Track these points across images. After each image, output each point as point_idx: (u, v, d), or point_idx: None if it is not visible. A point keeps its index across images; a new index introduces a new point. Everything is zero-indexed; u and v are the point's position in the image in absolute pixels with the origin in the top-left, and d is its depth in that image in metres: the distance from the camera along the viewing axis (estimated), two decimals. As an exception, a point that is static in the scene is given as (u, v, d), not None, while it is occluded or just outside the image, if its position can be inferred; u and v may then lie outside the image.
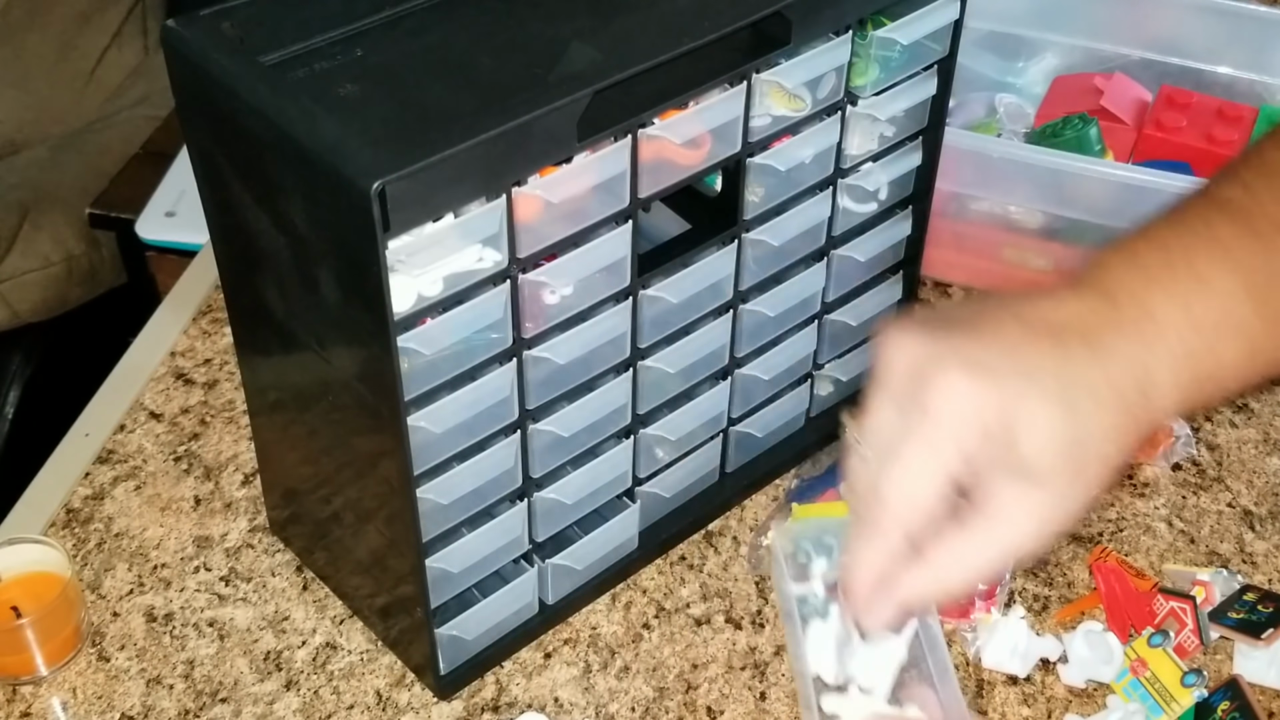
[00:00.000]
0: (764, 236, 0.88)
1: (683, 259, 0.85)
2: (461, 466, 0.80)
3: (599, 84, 0.71)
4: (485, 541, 0.85)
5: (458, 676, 0.89)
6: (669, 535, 0.98)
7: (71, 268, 1.84)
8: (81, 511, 1.01)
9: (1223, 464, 1.05)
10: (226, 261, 0.85)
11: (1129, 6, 1.24)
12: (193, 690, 0.90)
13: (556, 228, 0.75)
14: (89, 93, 2.02)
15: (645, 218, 0.84)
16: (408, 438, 0.75)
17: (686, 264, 0.85)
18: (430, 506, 0.80)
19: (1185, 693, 0.86)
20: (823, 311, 0.97)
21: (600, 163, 0.75)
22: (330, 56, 0.74)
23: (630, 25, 0.77)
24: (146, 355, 1.14)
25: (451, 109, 0.71)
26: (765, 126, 0.84)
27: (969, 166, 1.04)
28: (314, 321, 0.78)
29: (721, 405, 0.95)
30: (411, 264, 0.70)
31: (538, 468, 0.85)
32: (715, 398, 0.94)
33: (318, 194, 0.70)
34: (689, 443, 0.95)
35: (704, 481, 0.99)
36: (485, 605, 0.87)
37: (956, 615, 0.90)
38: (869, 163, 0.92)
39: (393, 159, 0.65)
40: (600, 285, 0.81)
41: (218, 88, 0.73)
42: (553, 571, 0.91)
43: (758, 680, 0.91)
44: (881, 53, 0.87)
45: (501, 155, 0.69)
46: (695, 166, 0.81)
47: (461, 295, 0.73)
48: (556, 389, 0.82)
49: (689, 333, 0.88)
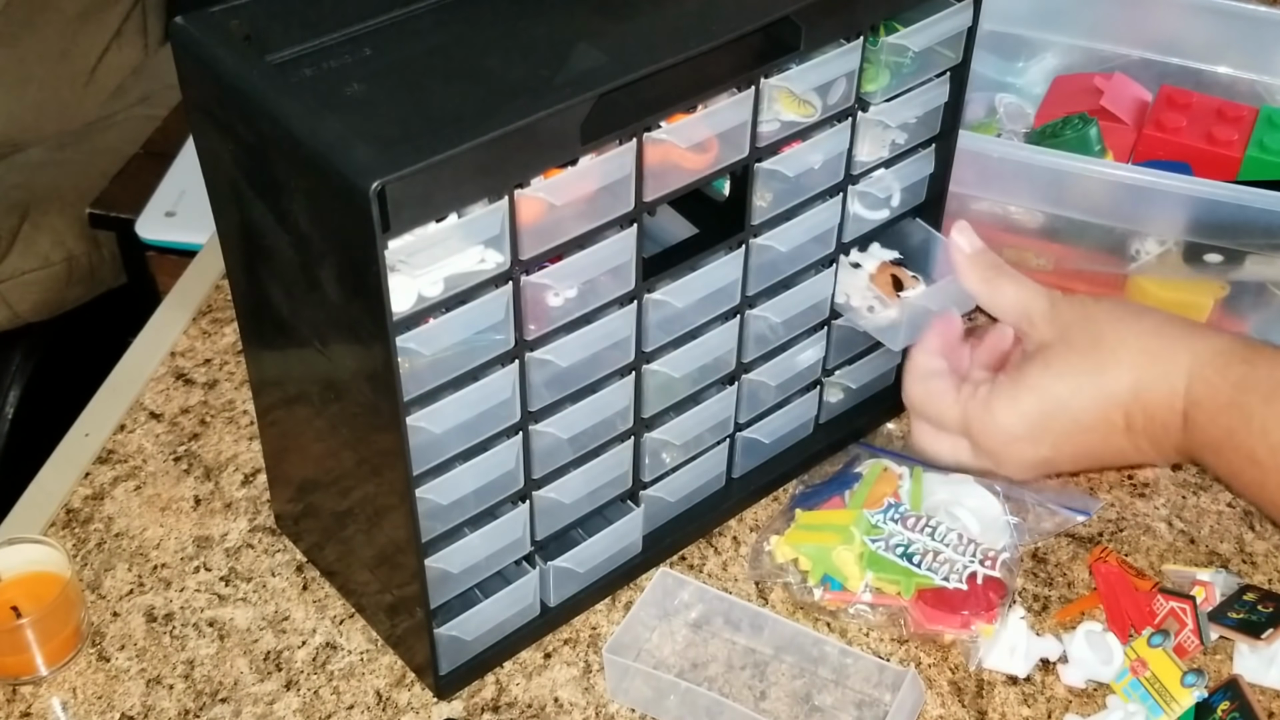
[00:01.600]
0: (772, 242, 0.87)
1: (689, 263, 0.85)
2: (462, 467, 0.80)
3: (603, 87, 0.71)
4: (486, 542, 0.85)
5: (457, 677, 0.89)
6: (674, 539, 0.98)
7: (71, 268, 1.84)
8: (81, 511, 1.01)
9: (1223, 464, 1.05)
10: (232, 258, 0.85)
11: (1129, 6, 1.24)
12: (193, 690, 0.90)
13: (560, 230, 0.75)
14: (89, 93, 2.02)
15: (652, 221, 0.84)
16: (407, 437, 0.75)
17: (693, 269, 0.85)
18: (430, 506, 0.80)
19: (1185, 693, 0.86)
20: (832, 318, 0.97)
21: (604, 166, 0.75)
22: (339, 55, 0.74)
23: (638, 29, 0.76)
24: (146, 355, 1.14)
25: (456, 110, 0.71)
26: (774, 132, 0.83)
27: (969, 166, 1.03)
28: (316, 319, 0.79)
29: (728, 410, 0.95)
30: (412, 264, 0.70)
31: (539, 469, 0.85)
32: (722, 403, 0.93)
33: (319, 193, 0.70)
34: (694, 447, 0.95)
35: (710, 486, 0.99)
36: (486, 606, 0.87)
37: (958, 626, 0.90)
38: (880, 169, 0.92)
39: (393, 159, 0.65)
40: (605, 288, 0.80)
41: (223, 85, 0.73)
42: (554, 574, 0.90)
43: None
44: (893, 59, 0.86)
45: (504, 157, 0.69)
46: (702, 171, 0.80)
47: (463, 296, 0.73)
48: (559, 391, 0.82)
49: (695, 337, 0.88)
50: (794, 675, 0.90)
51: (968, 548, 0.92)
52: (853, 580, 0.92)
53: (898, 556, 0.92)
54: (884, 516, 0.93)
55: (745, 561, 0.97)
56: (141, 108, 1.99)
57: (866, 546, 0.92)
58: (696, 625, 0.92)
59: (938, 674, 0.91)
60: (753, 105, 0.79)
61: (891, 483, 0.97)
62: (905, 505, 0.95)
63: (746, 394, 0.95)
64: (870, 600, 0.92)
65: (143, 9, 2.07)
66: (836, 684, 0.90)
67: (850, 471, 0.99)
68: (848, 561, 0.92)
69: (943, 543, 0.92)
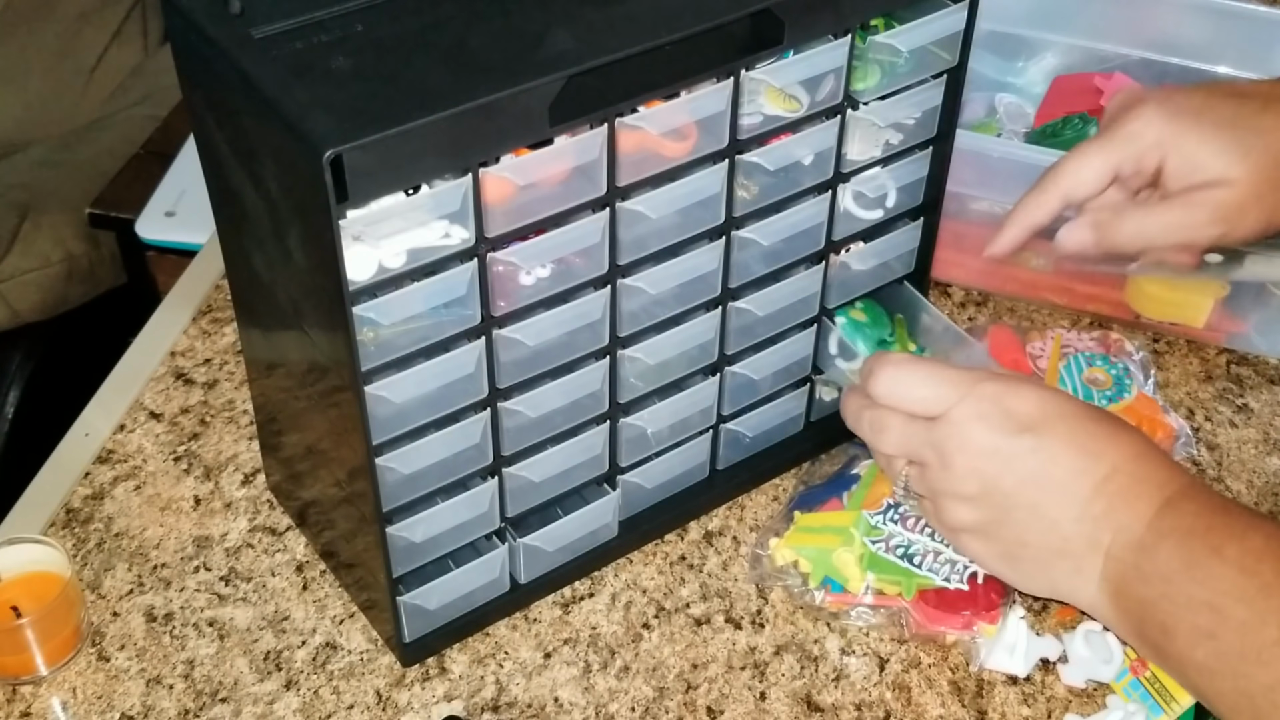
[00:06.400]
0: (755, 235, 0.87)
1: (668, 250, 0.85)
2: (427, 439, 0.81)
3: (572, 69, 0.72)
4: (452, 514, 0.85)
5: (422, 646, 0.90)
6: (652, 526, 0.98)
7: (71, 267, 1.84)
8: (81, 511, 1.01)
9: (1223, 464, 1.05)
10: (222, 226, 0.87)
11: (1129, 6, 1.24)
12: (193, 690, 0.90)
13: (529, 210, 0.76)
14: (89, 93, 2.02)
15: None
16: (365, 405, 0.76)
17: (672, 255, 0.85)
18: (393, 476, 0.81)
19: (1185, 693, 0.86)
20: (821, 315, 0.97)
21: (574, 149, 0.75)
22: (330, 30, 0.75)
23: (620, 14, 0.77)
24: (146, 355, 1.14)
25: (432, 86, 0.72)
26: (757, 125, 0.83)
27: (969, 166, 1.03)
28: (290, 286, 0.80)
29: (709, 401, 0.95)
30: (372, 234, 0.71)
31: (509, 446, 0.86)
32: (703, 393, 0.93)
33: (285, 160, 0.72)
34: (673, 435, 0.95)
35: (692, 476, 0.99)
36: (451, 578, 0.88)
37: (960, 626, 0.90)
38: (875, 168, 0.92)
39: (352, 129, 0.66)
40: (577, 270, 0.81)
41: (209, 55, 0.75)
42: (525, 550, 0.91)
43: (758, 680, 0.91)
44: (884, 58, 0.86)
45: (468, 133, 0.70)
46: (680, 159, 0.80)
47: (426, 269, 0.74)
48: (529, 370, 0.83)
49: (674, 325, 0.88)
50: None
51: (968, 548, 0.92)
52: (854, 582, 0.92)
53: (898, 557, 0.92)
54: (884, 517, 0.93)
55: (745, 562, 0.98)
56: (141, 108, 1.99)
57: (867, 548, 0.92)
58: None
59: (938, 674, 0.91)
60: (731, 96, 0.79)
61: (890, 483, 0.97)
62: (905, 505, 0.94)
63: (729, 386, 0.95)
64: (871, 602, 0.92)
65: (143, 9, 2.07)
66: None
67: (848, 473, 0.99)
68: (848, 563, 0.92)
69: (943, 543, 0.92)
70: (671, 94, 0.77)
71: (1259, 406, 1.09)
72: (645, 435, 0.93)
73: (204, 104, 0.79)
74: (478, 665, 0.92)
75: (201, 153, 0.83)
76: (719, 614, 0.95)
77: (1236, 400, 1.10)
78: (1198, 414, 1.09)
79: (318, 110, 0.68)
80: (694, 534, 1.00)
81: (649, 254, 0.83)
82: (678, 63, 0.76)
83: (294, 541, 0.99)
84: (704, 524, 1.00)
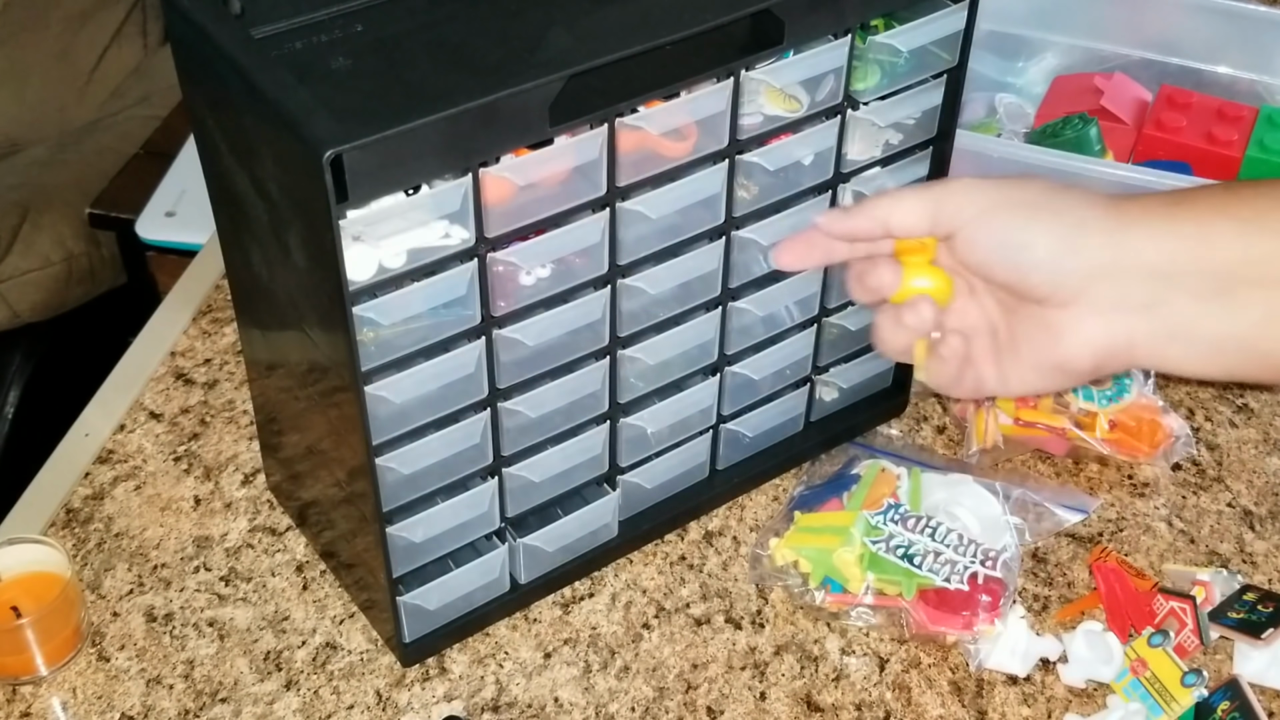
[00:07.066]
0: (754, 235, 0.87)
1: (668, 251, 0.85)
2: (427, 439, 0.81)
3: (572, 69, 0.72)
4: (452, 514, 0.86)
5: (422, 646, 0.91)
6: (652, 526, 0.98)
7: (71, 268, 1.84)
8: (81, 511, 1.01)
9: (1223, 464, 1.05)
10: (222, 226, 0.87)
11: (1129, 6, 1.24)
12: (193, 690, 0.90)
13: (528, 210, 0.76)
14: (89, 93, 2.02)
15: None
16: (365, 405, 0.76)
17: (672, 256, 0.85)
18: (393, 476, 0.81)
19: (1185, 693, 0.86)
20: (821, 315, 0.97)
21: (574, 149, 0.75)
22: (330, 30, 0.75)
23: (620, 14, 0.77)
24: (146, 355, 1.14)
25: (431, 86, 0.72)
26: (757, 125, 0.83)
27: (969, 166, 1.03)
28: (290, 286, 0.80)
29: (709, 401, 0.95)
30: (372, 234, 0.71)
31: (509, 447, 0.86)
32: (703, 393, 0.94)
33: (285, 160, 0.72)
34: (673, 435, 0.95)
35: (692, 476, 0.99)
36: (451, 578, 0.88)
37: (961, 627, 0.90)
38: (875, 168, 0.92)
39: (352, 129, 0.66)
40: (577, 270, 0.81)
41: (209, 55, 0.75)
42: (525, 550, 0.91)
43: (758, 680, 0.91)
44: (884, 58, 0.86)
45: (467, 133, 0.70)
46: (680, 159, 0.80)
47: (426, 269, 0.74)
48: (530, 370, 0.83)
49: (674, 325, 0.88)
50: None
51: (968, 548, 0.92)
52: (854, 582, 0.92)
53: (898, 558, 0.92)
54: (884, 518, 0.93)
55: (745, 562, 0.98)
56: (141, 108, 1.99)
57: (867, 548, 0.92)
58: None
59: (938, 674, 0.91)
60: (731, 97, 0.79)
61: (890, 483, 0.97)
62: (905, 506, 0.95)
63: (729, 386, 0.95)
64: (872, 602, 0.92)
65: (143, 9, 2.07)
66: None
67: (848, 473, 0.99)
68: (849, 563, 0.92)
69: (943, 543, 0.92)
70: (671, 94, 0.77)
71: (1259, 406, 1.09)
72: (645, 435, 0.93)
73: (204, 104, 0.79)
74: (478, 665, 0.92)
75: (201, 153, 0.84)
76: (719, 614, 0.95)
77: (1236, 400, 1.10)
78: (1198, 414, 1.09)
79: (318, 110, 0.68)
80: (694, 534, 1.00)
81: (649, 254, 0.84)
82: (678, 63, 0.76)
83: (294, 541, 0.99)
84: (704, 524, 1.00)
